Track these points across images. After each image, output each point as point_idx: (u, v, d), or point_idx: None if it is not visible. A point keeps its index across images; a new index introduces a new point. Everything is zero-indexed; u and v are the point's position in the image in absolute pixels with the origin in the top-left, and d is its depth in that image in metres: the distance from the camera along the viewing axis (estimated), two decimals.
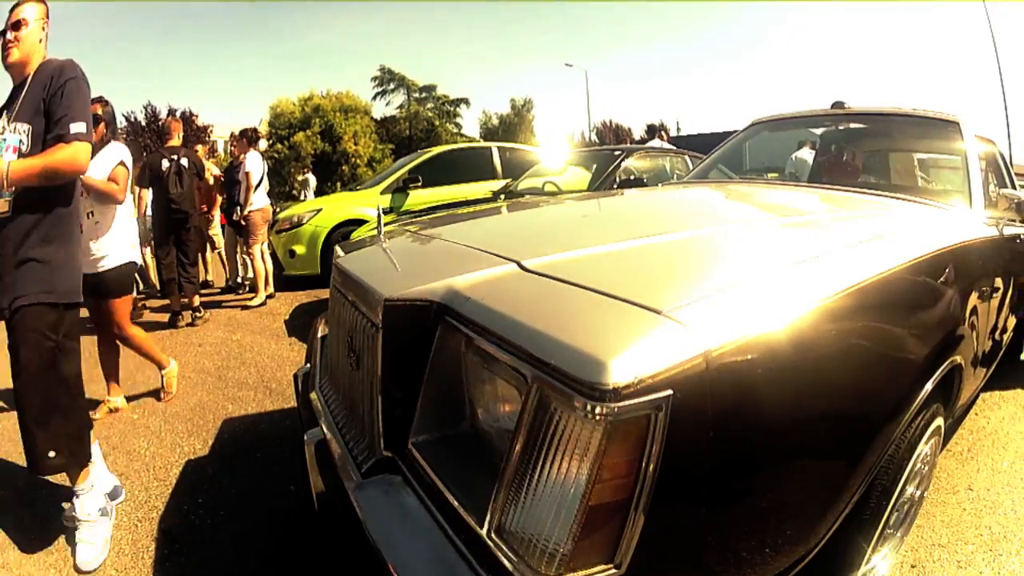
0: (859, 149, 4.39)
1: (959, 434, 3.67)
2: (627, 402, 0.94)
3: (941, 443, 2.25)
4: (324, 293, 7.30)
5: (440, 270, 1.54)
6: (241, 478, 2.93)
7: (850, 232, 2.01)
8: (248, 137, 7.16)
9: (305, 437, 1.80)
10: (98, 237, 3.55)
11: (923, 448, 1.89)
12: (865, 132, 4.24)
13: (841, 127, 4.29)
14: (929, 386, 1.76)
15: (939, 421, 2.02)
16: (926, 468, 2.16)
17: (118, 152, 3.71)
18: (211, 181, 7.26)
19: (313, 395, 2.10)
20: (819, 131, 4.50)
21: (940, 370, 1.86)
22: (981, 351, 2.58)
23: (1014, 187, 4.29)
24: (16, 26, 2.47)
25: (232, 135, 7.40)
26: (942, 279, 1.98)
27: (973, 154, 3.01)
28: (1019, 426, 3.96)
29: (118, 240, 3.66)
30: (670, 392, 0.97)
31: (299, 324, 6.07)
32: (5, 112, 2.47)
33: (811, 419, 1.30)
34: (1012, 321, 3.69)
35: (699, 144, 11.29)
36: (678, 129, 41.54)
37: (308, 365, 2.42)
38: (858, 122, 4.18)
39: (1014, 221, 2.91)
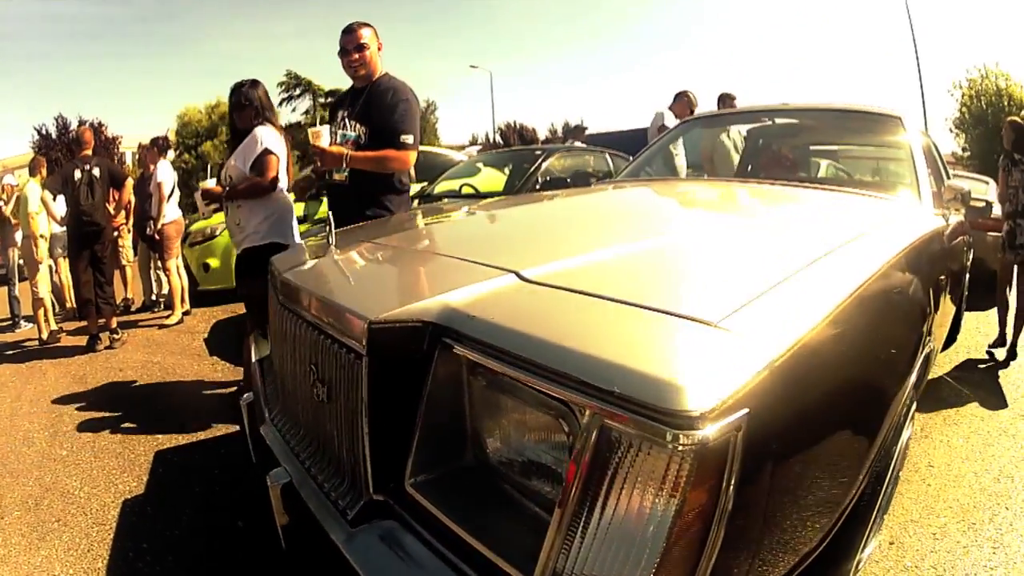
0: (799, 145, 4.43)
1: None
2: (713, 427, 0.85)
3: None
4: (241, 308, 6.96)
5: (425, 285, 1.38)
6: (183, 516, 2.69)
7: (838, 229, 1.99)
8: (159, 146, 6.76)
9: (268, 480, 1.53)
10: (245, 218, 3.62)
11: (906, 432, 1.97)
12: (806, 128, 4.26)
13: (780, 123, 4.29)
14: (915, 374, 1.79)
15: (915, 405, 2.07)
16: (903, 450, 2.17)
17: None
18: (131, 188, 6.65)
19: (265, 430, 1.85)
20: (753, 127, 4.49)
21: (922, 356, 1.89)
22: (941, 336, 2.68)
23: (948, 177, 4.48)
24: (360, 48, 3.27)
25: (140, 145, 7.03)
26: (918, 269, 2.00)
27: (918, 148, 3.05)
28: (968, 401, 4.16)
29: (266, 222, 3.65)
30: (747, 411, 0.89)
31: (219, 342, 5.80)
32: (345, 108, 3.35)
33: (840, 415, 1.27)
34: (957, 301, 3.80)
35: (607, 142, 11.32)
36: (583, 128, 41.54)
37: (250, 394, 2.15)
38: (799, 118, 4.19)
39: (957, 211, 3.00)
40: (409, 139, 3.23)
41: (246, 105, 3.69)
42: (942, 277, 2.51)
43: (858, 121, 3.74)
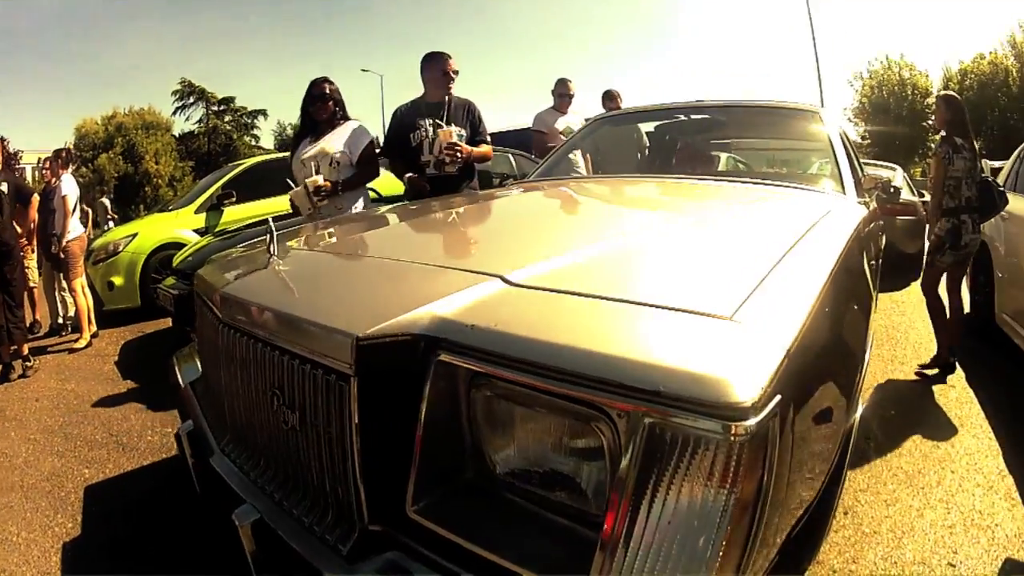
0: (720, 141, 4.55)
1: None
2: (759, 416, 0.87)
3: None
4: (148, 327, 6.80)
5: (407, 295, 1.26)
6: (127, 557, 2.51)
7: (794, 220, 2.03)
8: (63, 158, 6.30)
9: (234, 519, 1.37)
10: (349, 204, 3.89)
11: (861, 406, 2.02)
12: (726, 124, 4.30)
13: (698, 120, 4.31)
14: (868, 351, 1.98)
15: None
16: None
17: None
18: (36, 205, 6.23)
19: (216, 462, 1.67)
20: (669, 124, 4.49)
21: (871, 334, 2.09)
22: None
23: (861, 165, 4.56)
24: (455, 75, 4.13)
25: (39, 158, 6.59)
26: (860, 255, 2.11)
27: (838, 141, 3.12)
28: (892, 378, 4.37)
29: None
30: (779, 397, 0.92)
31: (131, 365, 5.49)
32: (424, 117, 4.01)
33: (829, 392, 1.31)
34: (875, 283, 3.95)
35: (499, 141, 11.41)
36: None
37: (190, 422, 1.93)
38: (716, 114, 4.22)
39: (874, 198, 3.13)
40: (489, 139, 4.28)
41: (330, 98, 3.93)
42: (871, 261, 2.61)
43: (777, 116, 3.79)
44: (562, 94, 6.38)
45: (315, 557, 1.21)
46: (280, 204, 7.43)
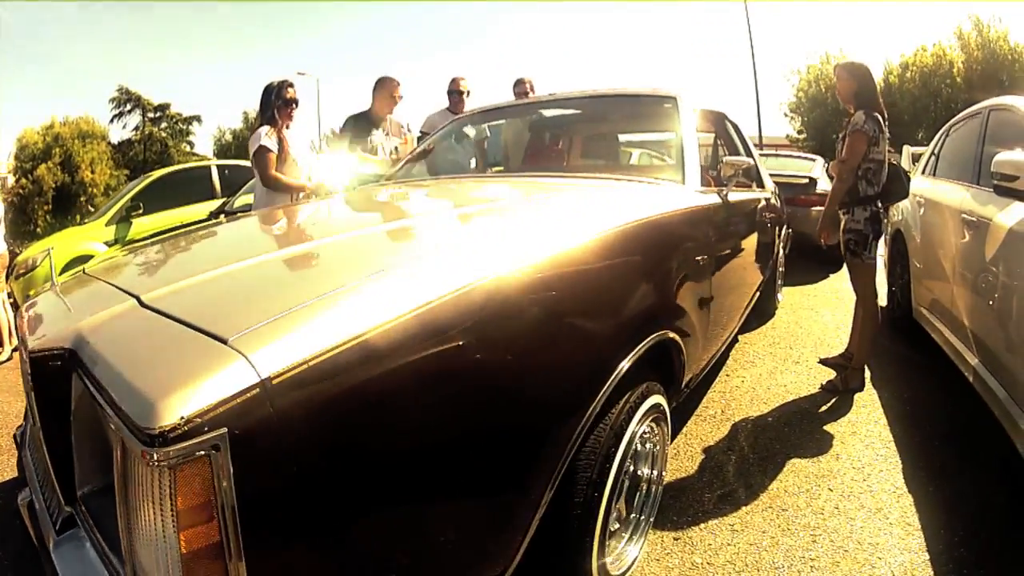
0: (576, 134, 4.44)
1: (709, 397, 3.71)
2: (177, 446, 0.89)
3: (670, 418, 2.30)
4: None
5: (80, 312, 1.44)
6: (14, 546, 2.80)
7: (514, 218, 2.07)
8: None
9: (19, 498, 1.69)
10: None
11: (637, 428, 1.91)
12: (582, 117, 4.27)
13: (551, 113, 4.31)
14: (626, 364, 1.78)
15: (657, 399, 2.05)
16: (656, 447, 2.20)
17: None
18: None
19: (24, 455, 1.97)
20: (533, 119, 4.46)
21: (639, 347, 1.88)
22: (706, 319, 2.65)
23: (749, 153, 4.34)
24: (400, 98, 5.14)
25: None
26: (632, 255, 2.01)
27: (688, 127, 3.03)
28: (781, 379, 4.02)
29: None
30: (224, 430, 0.92)
31: None
32: (378, 128, 5.13)
33: (448, 425, 1.30)
34: (755, 279, 3.81)
35: None
36: None
37: (26, 423, 2.24)
38: (573, 107, 4.21)
39: (744, 186, 2.96)
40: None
41: (296, 104, 4.47)
42: (701, 257, 2.52)
43: (634, 105, 3.70)
44: (452, 91, 6.09)
45: (46, 532, 1.47)
46: (183, 215, 7.94)
